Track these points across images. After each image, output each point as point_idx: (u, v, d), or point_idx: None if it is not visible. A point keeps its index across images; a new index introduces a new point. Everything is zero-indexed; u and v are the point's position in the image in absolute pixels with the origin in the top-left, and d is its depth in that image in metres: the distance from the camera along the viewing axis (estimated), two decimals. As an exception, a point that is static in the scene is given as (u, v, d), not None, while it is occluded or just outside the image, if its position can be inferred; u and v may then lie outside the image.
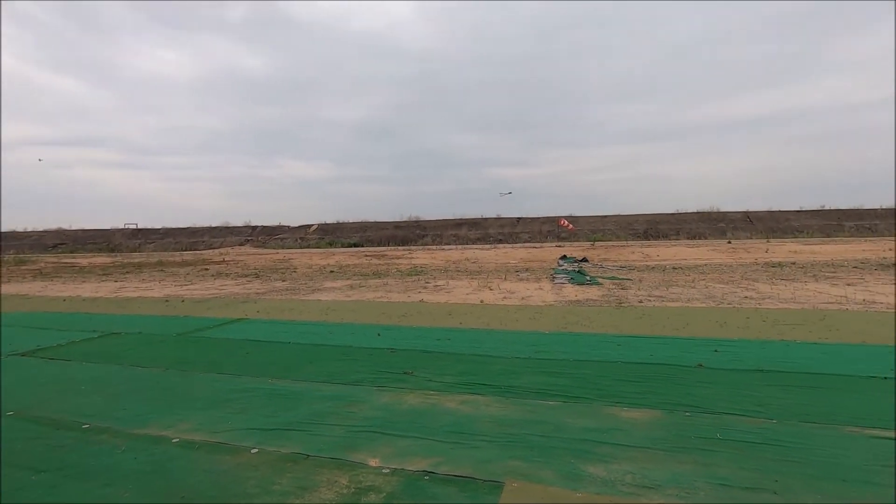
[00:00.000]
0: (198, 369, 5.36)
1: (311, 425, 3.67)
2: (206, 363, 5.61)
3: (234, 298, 11.58)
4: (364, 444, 3.33)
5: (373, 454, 3.16)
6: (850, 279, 12.51)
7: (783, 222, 41.70)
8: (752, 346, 5.77)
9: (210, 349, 6.42)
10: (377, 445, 3.30)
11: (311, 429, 3.61)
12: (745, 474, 2.79)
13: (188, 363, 5.61)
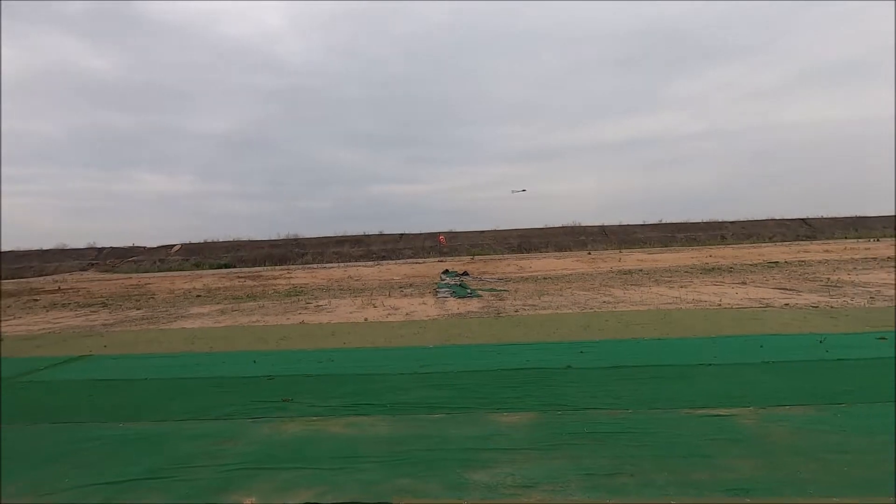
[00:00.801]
0: (25, 420, 4.48)
1: (174, 471, 3.28)
2: (36, 412, 4.72)
3: (73, 333, 9.93)
4: (239, 483, 3.06)
5: (249, 493, 2.92)
6: (682, 282, 14.71)
7: (631, 234, 47.71)
8: (610, 346, 6.48)
9: (42, 395, 5.42)
10: (254, 483, 3.05)
11: (175, 475, 3.22)
12: (607, 462, 3.11)
13: (10, 415, 4.66)
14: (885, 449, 3.13)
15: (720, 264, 21.21)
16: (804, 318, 7.88)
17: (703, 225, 49.99)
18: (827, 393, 4.27)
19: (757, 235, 45.52)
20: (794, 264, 19.75)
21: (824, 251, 25.61)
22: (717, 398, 4.25)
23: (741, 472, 2.92)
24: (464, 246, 44.58)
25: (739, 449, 3.23)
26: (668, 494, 2.68)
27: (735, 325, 7.57)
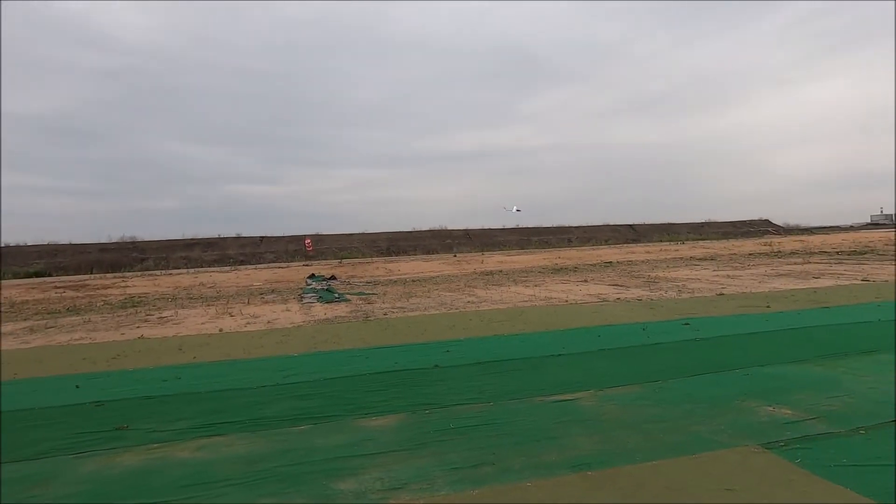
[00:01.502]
0: None
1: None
2: None
3: None
4: (55, 533, 2.57)
5: (70, 543, 2.47)
6: (536, 282, 16.14)
7: (493, 238, 50.93)
8: (474, 343, 6.83)
9: None
10: (77, 529, 2.59)
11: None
12: (471, 454, 3.28)
13: None
14: (688, 415, 3.80)
15: (567, 265, 23.73)
16: (631, 310, 9.20)
17: (554, 230, 55.48)
18: (648, 372, 5.03)
19: (595, 239, 51.92)
20: (623, 264, 22.93)
21: (646, 252, 30.17)
22: (564, 385, 4.74)
23: (583, 448, 3.30)
24: (331, 249, 43.32)
25: (581, 428, 3.65)
26: (524, 478, 2.91)
27: (579, 318, 8.53)
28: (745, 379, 4.66)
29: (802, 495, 2.58)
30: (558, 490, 2.75)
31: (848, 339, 6.04)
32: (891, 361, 4.96)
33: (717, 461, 3.02)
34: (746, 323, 7.37)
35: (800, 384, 4.40)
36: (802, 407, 3.84)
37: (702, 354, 5.67)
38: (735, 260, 22.01)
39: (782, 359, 5.27)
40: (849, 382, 4.38)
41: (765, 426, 3.52)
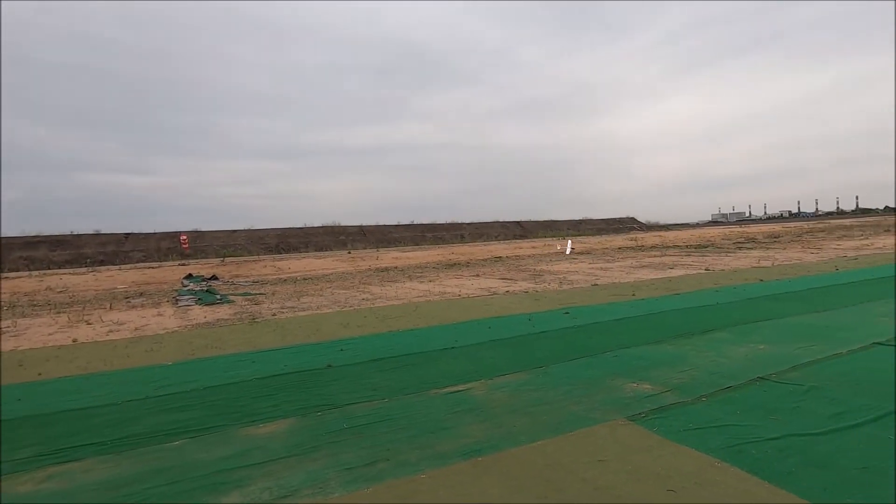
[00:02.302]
0: None
1: None
2: None
3: None
4: None
5: None
6: (430, 277, 16.42)
7: (388, 234, 50.75)
8: (369, 341, 6.77)
9: None
10: None
11: None
12: (365, 452, 3.26)
13: None
14: (567, 396, 4.15)
15: (460, 260, 24.48)
16: (519, 302, 9.77)
17: (447, 226, 56.81)
18: (533, 359, 5.39)
19: (486, 235, 54.21)
20: (512, 258, 24.25)
21: (531, 248, 32.21)
22: (457, 376, 4.90)
23: (474, 436, 3.44)
24: (212, 247, 39.97)
25: (473, 417, 3.81)
26: (419, 470, 2.97)
27: (471, 311, 8.86)
28: (614, 360, 5.20)
29: (658, 458, 2.96)
30: (451, 478, 2.84)
31: (693, 320, 7.02)
32: (724, 339, 5.87)
33: (591, 436, 3.34)
34: (616, 310, 8.22)
35: (657, 362, 5.03)
36: (659, 381, 4.39)
37: (579, 340, 6.21)
38: (607, 254, 24.42)
39: (644, 340, 5.98)
40: (693, 358, 5.10)
41: (629, 401, 3.96)
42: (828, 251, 18.84)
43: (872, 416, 3.39)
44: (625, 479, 2.73)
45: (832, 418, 3.39)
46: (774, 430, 3.24)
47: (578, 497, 2.57)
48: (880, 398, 3.69)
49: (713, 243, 28.34)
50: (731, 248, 24.05)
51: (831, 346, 5.23)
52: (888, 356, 4.78)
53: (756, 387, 4.13)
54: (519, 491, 2.66)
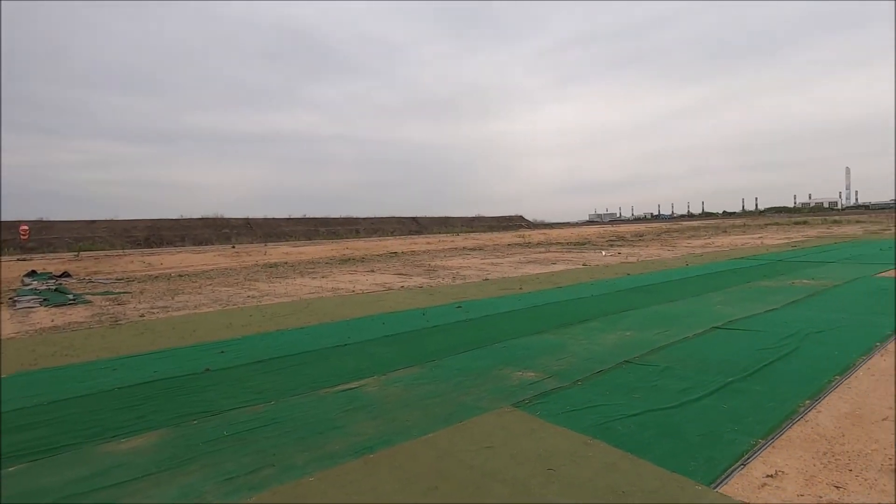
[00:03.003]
0: None
1: None
2: None
3: None
4: None
5: None
6: (323, 273, 15.89)
7: (277, 228, 48.10)
8: (254, 341, 6.35)
9: None
10: None
11: None
12: (248, 459, 3.05)
13: None
14: (458, 387, 4.27)
15: (355, 255, 24.01)
16: (413, 297, 9.85)
17: (342, 220, 55.40)
18: (426, 353, 5.47)
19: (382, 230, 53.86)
20: (407, 254, 24.37)
21: (427, 243, 32.65)
22: (350, 373, 4.80)
23: (366, 433, 3.40)
24: (63, 240, 34.69)
25: (365, 414, 3.76)
26: (307, 472, 2.85)
27: (365, 307, 8.74)
28: (503, 350, 5.47)
29: (539, 441, 3.17)
30: (341, 478, 2.77)
31: (572, 312, 7.65)
32: (597, 327, 6.48)
33: (480, 424, 3.48)
34: (504, 303, 8.66)
35: (540, 351, 5.39)
36: (541, 369, 4.71)
37: (470, 333, 6.43)
38: (498, 249, 25.62)
39: (529, 331, 6.37)
40: (572, 346, 5.56)
41: (515, 389, 4.20)
42: (680, 248, 21.68)
43: (711, 389, 3.96)
44: (510, 463, 2.89)
45: (681, 393, 3.90)
46: (636, 407, 3.65)
47: (467, 484, 2.66)
48: (718, 373, 4.33)
49: (590, 241, 31.12)
50: (605, 245, 26.62)
51: (681, 331, 6.02)
52: (724, 337, 5.63)
53: (622, 369, 4.61)
54: (410, 484, 2.68)
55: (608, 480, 2.65)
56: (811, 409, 3.51)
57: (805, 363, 4.56)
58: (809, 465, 2.76)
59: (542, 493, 2.54)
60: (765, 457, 2.86)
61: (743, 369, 4.42)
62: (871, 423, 3.25)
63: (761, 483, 2.58)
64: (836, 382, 4.04)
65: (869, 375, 4.19)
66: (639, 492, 2.52)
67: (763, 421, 3.33)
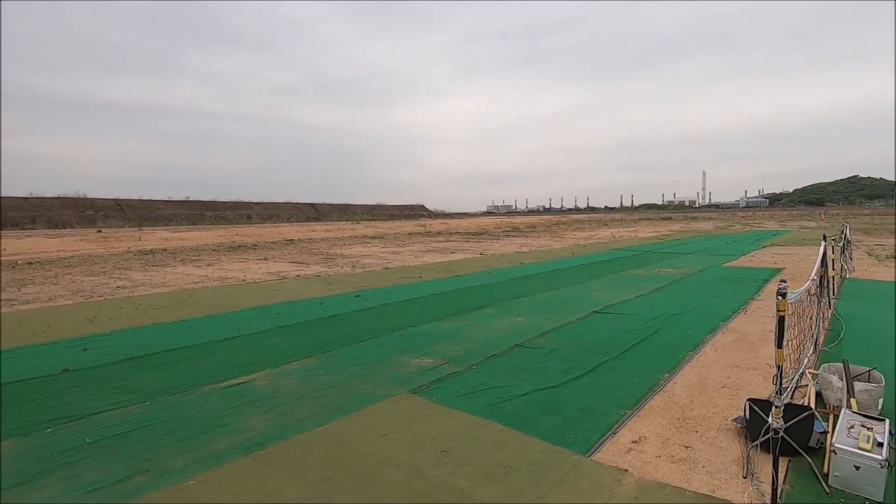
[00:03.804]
0: None
1: None
2: None
3: None
4: None
5: None
6: (209, 260, 14.70)
7: (154, 211, 43.41)
8: (125, 336, 5.71)
9: None
10: None
11: None
12: (118, 467, 2.75)
13: None
14: (356, 376, 4.22)
15: (246, 242, 22.53)
16: (311, 286, 9.51)
17: (232, 204, 51.50)
18: (323, 343, 5.32)
19: (277, 216, 51.09)
20: (304, 241, 23.42)
21: (326, 231, 31.64)
22: (239, 368, 4.52)
23: (256, 429, 3.23)
24: None
25: (255, 409, 3.57)
26: (187, 476, 2.64)
27: (257, 297, 8.25)
28: (401, 338, 5.51)
29: (434, 424, 3.26)
30: (227, 478, 2.61)
31: (469, 299, 7.92)
32: (492, 314, 6.79)
33: (377, 412, 3.48)
34: (404, 291, 8.70)
35: (438, 338, 5.52)
36: (438, 355, 4.83)
37: (369, 322, 6.38)
38: (398, 238, 25.62)
39: (428, 319, 6.48)
40: (468, 332, 5.76)
41: (413, 375, 4.26)
42: (567, 240, 23.42)
43: (589, 368, 4.36)
44: (406, 448, 2.93)
45: (563, 373, 4.24)
46: (524, 388, 3.90)
47: (362, 472, 2.66)
48: (595, 354, 4.78)
49: (488, 231, 32.36)
50: (501, 235, 27.86)
51: (566, 315, 6.53)
52: (602, 321, 6.21)
53: (514, 353, 4.89)
54: (302, 478, 2.61)
55: (497, 457, 2.80)
56: (669, 382, 4.02)
57: (666, 342, 5.20)
58: (666, 429, 3.16)
59: (436, 474, 2.62)
60: (631, 425, 3.22)
61: (616, 349, 4.92)
62: (713, 391, 3.81)
63: (628, 448, 2.91)
64: (689, 357, 4.66)
65: (714, 350, 4.90)
66: (524, 465, 2.71)
67: (631, 394, 3.75)
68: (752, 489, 2.46)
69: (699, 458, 2.79)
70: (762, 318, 6.25)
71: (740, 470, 2.64)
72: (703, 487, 2.48)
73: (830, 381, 3.41)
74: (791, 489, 2.46)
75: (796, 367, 3.81)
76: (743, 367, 4.38)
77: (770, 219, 49.19)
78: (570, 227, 37.19)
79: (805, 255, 13.65)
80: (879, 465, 2.36)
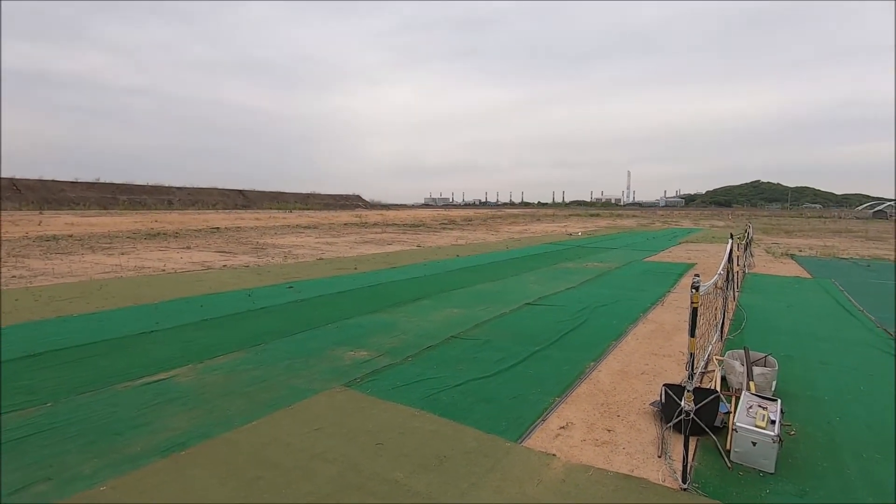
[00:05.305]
0: None
1: None
2: None
3: None
4: None
5: None
6: (123, 249, 13.57)
7: (57, 193, 39.38)
8: (22, 331, 5.14)
9: None
10: None
11: None
12: (12, 477, 2.47)
13: None
14: (288, 370, 4.08)
15: (167, 230, 21.03)
16: (239, 277, 9.05)
17: (150, 188, 47.81)
18: (252, 337, 5.09)
19: (202, 203, 48.10)
20: (232, 230, 22.23)
21: (255, 219, 30.23)
22: (158, 363, 4.22)
23: (178, 427, 3.04)
24: None
25: (177, 407, 3.36)
26: (97, 482, 2.44)
27: (179, 288, 7.74)
28: (336, 331, 5.40)
29: (369, 417, 3.23)
30: (144, 481, 2.44)
31: (405, 291, 7.90)
32: (429, 305, 6.82)
33: (310, 406, 3.39)
34: (339, 283, 8.52)
35: (374, 330, 5.46)
36: (374, 348, 4.78)
37: (302, 314, 6.19)
38: (333, 228, 25.00)
39: (363, 311, 6.39)
40: (404, 324, 5.75)
41: (348, 368, 4.19)
42: (503, 233, 23.98)
43: (522, 357, 4.51)
44: (340, 442, 2.88)
45: (497, 363, 4.35)
46: (460, 378, 3.96)
47: (294, 468, 2.58)
48: (527, 344, 4.94)
49: (424, 223, 32.39)
50: (438, 228, 28.00)
51: (500, 307, 6.70)
52: (534, 312, 6.43)
53: (449, 344, 4.95)
54: (228, 479, 2.49)
55: (432, 447, 2.83)
56: (594, 370, 4.24)
57: (592, 332, 5.49)
58: (591, 414, 3.35)
59: (371, 467, 2.61)
60: (559, 411, 3.38)
61: (546, 339, 5.12)
62: (633, 377, 4.08)
63: (556, 434, 3.04)
64: (613, 346, 4.95)
65: (634, 339, 5.24)
66: (458, 454, 2.76)
67: (560, 382, 3.92)
68: (666, 467, 2.66)
69: (620, 440, 2.98)
70: (677, 309, 6.75)
71: (656, 450, 2.85)
72: (624, 467, 2.66)
73: (733, 366, 3.76)
74: (699, 465, 2.70)
75: (702, 354, 4.16)
76: (660, 354, 4.72)
77: (685, 217, 53.19)
78: (506, 221, 38.10)
79: (715, 251, 14.90)
80: (772, 441, 2.64)
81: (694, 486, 2.48)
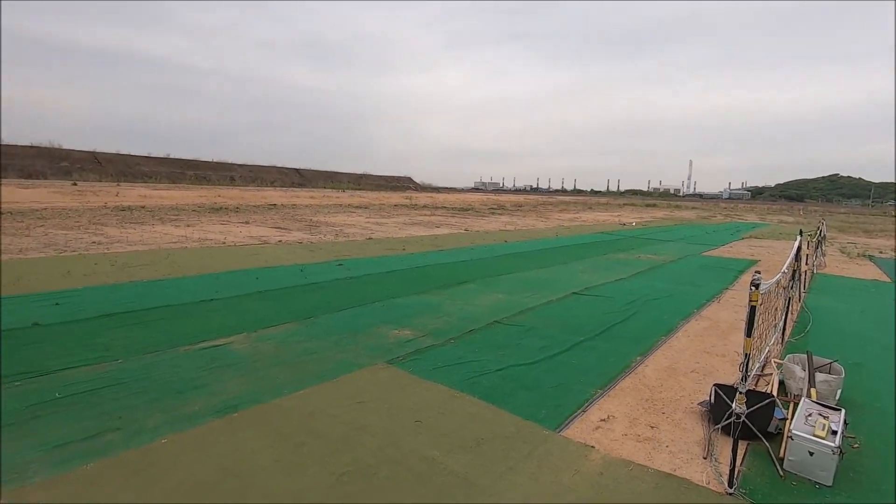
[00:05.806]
0: None
1: None
2: None
3: None
4: None
5: None
6: (189, 221, 14.41)
7: (133, 167, 42.16)
8: (99, 293, 5.60)
9: None
10: None
11: None
12: (87, 425, 2.73)
13: None
14: (335, 345, 4.23)
15: (228, 204, 22.11)
16: (292, 252, 9.41)
17: (214, 165, 50.28)
18: (303, 310, 5.30)
19: (261, 180, 50.12)
20: (288, 207, 23.08)
21: (310, 197, 31.19)
22: (216, 330, 4.49)
23: (232, 391, 3.23)
24: None
25: (232, 372, 3.56)
26: (159, 435, 2.64)
27: (237, 260, 8.15)
28: (382, 309, 5.52)
29: (410, 395, 3.30)
30: (199, 439, 2.62)
31: (451, 274, 7.94)
32: (474, 289, 6.83)
33: (354, 381, 3.51)
34: (387, 263, 8.68)
35: (419, 310, 5.54)
36: (418, 328, 4.86)
37: (351, 291, 6.36)
38: (384, 209, 25.41)
39: (410, 291, 6.49)
40: (448, 306, 5.79)
41: (392, 346, 4.28)
42: (553, 221, 23.53)
43: (566, 347, 4.44)
44: (381, 417, 2.97)
45: (540, 350, 4.31)
46: (501, 363, 3.96)
47: (337, 438, 2.69)
48: (572, 333, 4.86)
49: (473, 208, 32.28)
50: (486, 212, 27.84)
51: (546, 295, 6.60)
52: (580, 302, 6.30)
53: (492, 329, 4.94)
54: (276, 442, 2.63)
55: (471, 429, 2.86)
56: (641, 364, 4.12)
57: (641, 325, 5.31)
58: (634, 409, 3.26)
59: (410, 444, 2.67)
60: (601, 404, 3.31)
61: (592, 330, 5.01)
62: (682, 375, 3.92)
63: (596, 426, 2.99)
64: (662, 342, 4.78)
65: (686, 336, 5.02)
66: (496, 437, 2.77)
67: (604, 374, 3.84)
68: (711, 469, 2.56)
69: (663, 438, 2.89)
70: (735, 307, 6.41)
71: (702, 451, 2.75)
72: (665, 466, 2.58)
73: (794, 370, 3.53)
74: (748, 471, 2.57)
75: (759, 356, 3.93)
76: (712, 353, 4.51)
77: (751, 211, 50.05)
78: (556, 208, 37.33)
79: (781, 248, 13.97)
80: (832, 452, 2.47)
81: (741, 492, 2.37)
